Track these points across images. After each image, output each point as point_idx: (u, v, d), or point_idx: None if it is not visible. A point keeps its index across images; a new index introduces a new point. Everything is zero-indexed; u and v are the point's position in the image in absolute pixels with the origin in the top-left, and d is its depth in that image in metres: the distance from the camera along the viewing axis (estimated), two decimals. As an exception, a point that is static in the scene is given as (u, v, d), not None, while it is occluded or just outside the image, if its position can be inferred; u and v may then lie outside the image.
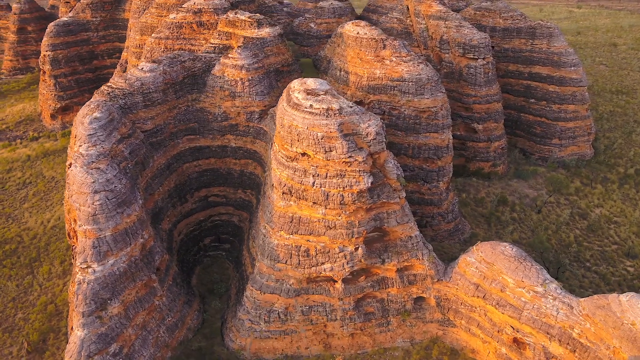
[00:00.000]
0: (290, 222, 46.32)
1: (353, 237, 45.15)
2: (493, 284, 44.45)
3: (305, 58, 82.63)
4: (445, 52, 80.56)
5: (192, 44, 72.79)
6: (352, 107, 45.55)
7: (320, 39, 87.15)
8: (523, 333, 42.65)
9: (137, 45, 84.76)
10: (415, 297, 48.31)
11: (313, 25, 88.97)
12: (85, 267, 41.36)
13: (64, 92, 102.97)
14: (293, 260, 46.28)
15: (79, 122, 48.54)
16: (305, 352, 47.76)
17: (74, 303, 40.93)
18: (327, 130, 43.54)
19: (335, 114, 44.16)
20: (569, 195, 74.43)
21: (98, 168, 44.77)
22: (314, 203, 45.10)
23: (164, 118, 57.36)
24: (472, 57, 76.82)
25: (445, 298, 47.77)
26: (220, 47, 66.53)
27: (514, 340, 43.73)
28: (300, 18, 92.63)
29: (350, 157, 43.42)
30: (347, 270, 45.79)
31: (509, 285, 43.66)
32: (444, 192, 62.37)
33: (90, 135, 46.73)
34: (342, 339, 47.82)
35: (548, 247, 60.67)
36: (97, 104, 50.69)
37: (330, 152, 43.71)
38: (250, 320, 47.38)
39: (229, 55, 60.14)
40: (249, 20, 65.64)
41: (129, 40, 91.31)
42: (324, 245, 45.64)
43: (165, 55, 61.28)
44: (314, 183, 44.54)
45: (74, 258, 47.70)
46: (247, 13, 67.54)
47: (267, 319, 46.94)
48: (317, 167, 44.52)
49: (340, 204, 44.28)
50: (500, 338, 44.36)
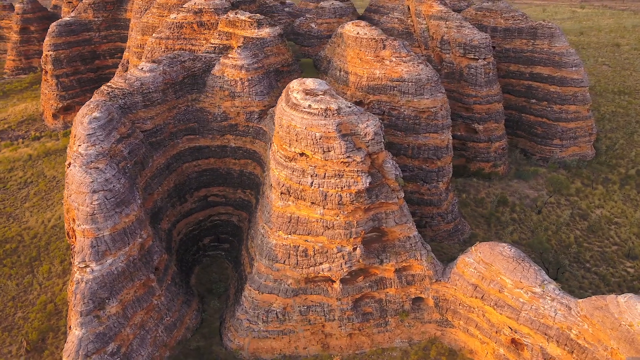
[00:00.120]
0: (289, 222, 46.36)
1: (351, 237, 45.16)
2: (491, 285, 44.40)
3: (306, 58, 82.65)
4: (446, 52, 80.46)
5: (192, 44, 72.90)
6: (350, 107, 45.56)
7: (321, 39, 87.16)
8: (521, 334, 42.58)
9: (138, 45, 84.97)
10: (414, 297, 48.28)
11: (314, 26, 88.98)
12: (84, 266, 41.49)
13: (66, 91, 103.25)
14: (291, 260, 46.31)
15: (79, 121, 48.69)
16: (304, 352, 47.79)
17: (72, 302, 41.08)
18: (325, 131, 43.55)
19: (334, 114, 44.17)
20: (570, 196, 74.26)
21: (97, 168, 44.90)
22: (312, 203, 45.12)
23: (164, 118, 57.47)
24: (472, 57, 76.71)
25: (444, 298, 47.73)
26: (221, 47, 66.61)
27: (512, 341, 43.67)
28: (301, 18, 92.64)
29: (349, 157, 43.43)
30: (345, 271, 45.80)
31: (507, 286, 43.59)
32: (444, 192, 62.32)
33: (90, 135, 46.85)
34: (340, 339, 47.83)
35: (548, 247, 60.54)
36: (96, 104, 50.84)
37: (329, 152, 43.72)
38: (249, 320, 47.43)
39: (229, 56, 60.22)
40: (249, 21, 65.70)
41: (131, 40, 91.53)
42: (322, 246, 45.66)
43: (165, 55, 61.40)
44: (312, 183, 44.56)
45: (73, 257, 47.82)
46: (247, 13, 67.61)
47: (265, 319, 46.98)
48: (315, 167, 44.54)
49: (339, 204, 44.29)
50: (499, 339, 44.31)
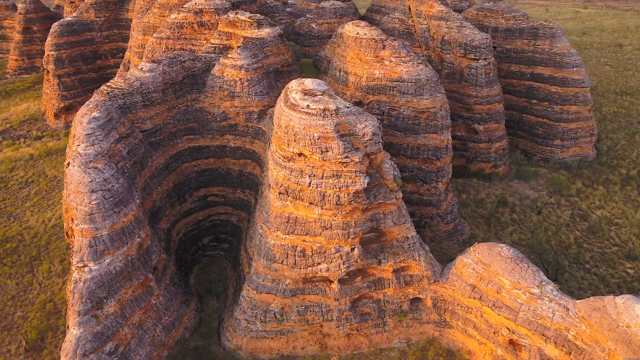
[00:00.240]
0: (287, 222, 46.38)
1: (349, 237, 45.16)
2: (489, 285, 44.33)
3: (306, 58, 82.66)
4: (447, 52, 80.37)
5: (193, 44, 72.98)
6: (348, 107, 45.56)
7: (322, 39, 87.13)
8: (519, 335, 42.51)
9: (139, 45, 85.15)
10: (412, 298, 48.25)
11: (314, 26, 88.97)
12: (82, 265, 41.61)
13: (68, 91, 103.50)
14: (289, 261, 46.33)
15: (78, 121, 48.82)
16: (302, 352, 47.81)
17: (70, 302, 41.20)
18: (323, 131, 43.57)
19: (332, 115, 44.18)
20: (570, 197, 74.08)
21: (95, 167, 44.99)
22: (310, 203, 45.14)
23: (163, 118, 57.56)
24: (473, 57, 76.59)
25: (442, 299, 47.69)
26: (221, 47, 66.67)
27: (510, 342, 43.60)
28: (302, 18, 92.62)
29: (347, 157, 43.43)
30: (343, 271, 45.81)
31: (505, 287, 43.52)
32: (443, 192, 62.24)
33: (89, 135, 46.96)
34: (338, 340, 47.83)
35: (547, 248, 60.41)
36: (96, 104, 50.96)
37: (327, 152, 43.73)
38: (247, 320, 47.47)
39: (229, 56, 60.28)
40: (249, 21, 65.75)
41: (132, 40, 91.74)
42: (320, 246, 45.67)
43: (165, 55, 61.50)
44: (310, 183, 44.57)
45: (72, 257, 47.93)
46: (247, 13, 67.65)
47: (263, 319, 47.02)
48: (313, 167, 44.56)
49: (337, 205, 44.29)
50: (496, 339, 44.23)
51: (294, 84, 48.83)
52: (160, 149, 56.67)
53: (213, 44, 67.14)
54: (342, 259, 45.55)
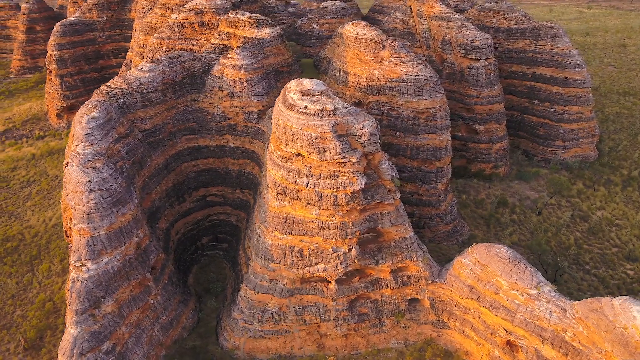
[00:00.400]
0: (284, 222, 46.43)
1: (347, 237, 45.16)
2: (487, 286, 44.25)
3: (307, 58, 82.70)
4: (447, 52, 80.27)
5: (193, 44, 73.15)
6: (346, 107, 45.57)
7: (323, 40, 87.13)
8: (516, 336, 42.41)
9: (141, 45, 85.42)
10: (410, 298, 48.20)
11: (315, 26, 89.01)
12: (80, 265, 41.75)
13: (70, 91, 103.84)
14: (287, 261, 46.37)
15: (77, 121, 49.01)
16: (299, 352, 47.83)
17: (68, 301, 41.35)
18: (321, 131, 43.59)
19: (330, 115, 44.20)
20: (571, 198, 73.84)
21: (94, 167, 45.16)
22: (308, 203, 45.17)
23: (163, 118, 57.72)
24: (474, 58, 76.48)
25: (440, 300, 47.63)
26: (221, 47, 66.82)
27: (507, 343, 43.49)
28: (303, 18, 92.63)
29: (344, 157, 43.44)
30: (340, 271, 45.81)
31: (503, 288, 43.43)
32: (443, 193, 62.16)
33: (87, 135, 47.14)
34: (335, 340, 47.83)
35: (546, 249, 60.22)
36: (95, 104, 51.14)
37: (324, 152, 43.75)
38: (244, 320, 47.54)
39: (228, 56, 60.40)
40: (249, 21, 65.85)
41: (134, 40, 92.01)
42: (318, 246, 45.69)
43: (165, 55, 61.66)
44: (308, 183, 44.60)
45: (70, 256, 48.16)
46: (247, 13, 67.74)
47: (260, 319, 47.08)
48: (311, 167, 44.59)
49: (334, 205, 44.30)
50: (494, 340, 44.15)
51: (293, 84, 48.89)
52: (160, 149, 56.83)
53: (213, 44, 67.29)
54: (339, 259, 45.56)
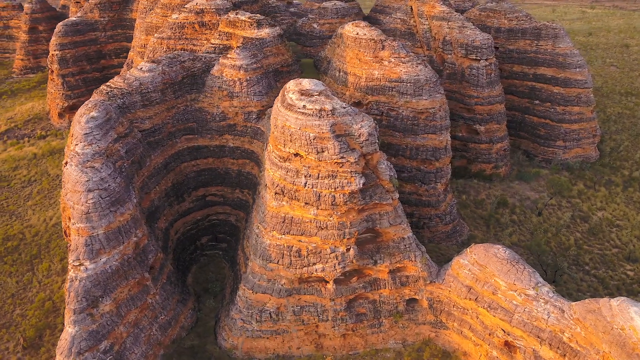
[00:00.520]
0: (283, 222, 46.46)
1: (344, 237, 45.16)
2: (485, 287, 44.21)
3: (308, 59, 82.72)
4: (448, 53, 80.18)
5: (194, 44, 73.28)
6: (345, 107, 45.56)
7: (323, 40, 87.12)
8: (514, 336, 42.37)
9: (142, 45, 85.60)
10: (408, 298, 48.17)
11: (316, 26, 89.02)
12: (78, 264, 41.84)
13: (72, 91, 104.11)
14: (285, 260, 46.40)
15: (76, 121, 49.12)
16: (297, 352, 47.87)
17: (66, 300, 41.46)
18: (319, 131, 43.61)
19: (328, 115, 44.21)
20: (572, 198, 73.67)
21: (93, 167, 45.24)
22: (306, 203, 45.18)
23: (162, 118, 57.80)
24: (474, 58, 76.38)
25: (438, 300, 47.59)
26: (221, 47, 66.90)
27: (505, 344, 43.44)
28: (304, 18, 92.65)
29: (342, 157, 43.44)
30: (338, 271, 45.81)
31: (501, 288, 43.38)
32: (442, 193, 62.08)
33: (86, 135, 47.23)
34: (333, 340, 47.85)
35: (546, 250, 60.08)
36: (94, 104, 51.27)
37: (322, 152, 43.77)
38: (243, 320, 47.60)
39: (228, 56, 60.45)
40: (249, 21, 65.90)
41: (135, 40, 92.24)
42: (316, 246, 45.70)
43: (165, 55, 61.74)
44: (306, 184, 44.63)
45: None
46: (247, 13, 67.80)
47: (258, 319, 47.12)
48: (309, 167, 44.61)
49: (332, 205, 44.31)
50: (492, 341, 44.10)
51: (292, 84, 48.91)
52: (159, 149, 56.91)
53: (213, 44, 67.38)
54: (337, 260, 45.56)
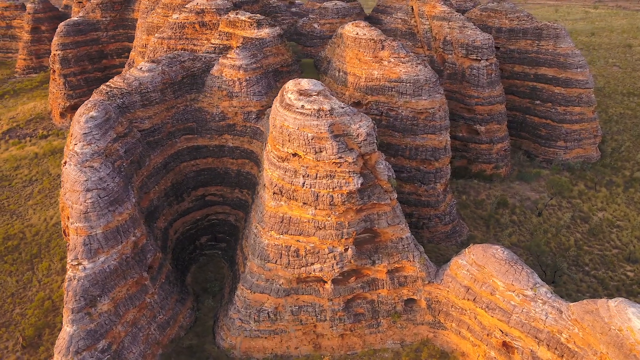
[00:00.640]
0: (281, 222, 46.48)
1: (343, 237, 45.16)
2: (483, 287, 44.14)
3: (308, 59, 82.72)
4: (449, 53, 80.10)
5: (194, 44, 73.36)
6: (343, 107, 45.54)
7: (324, 40, 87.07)
8: (512, 337, 42.29)
9: (143, 45, 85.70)
10: (406, 298, 48.14)
11: (316, 26, 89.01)
12: (76, 264, 41.96)
13: (73, 90, 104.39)
14: (283, 260, 46.43)
15: (76, 120, 49.27)
16: (295, 352, 47.88)
17: (65, 299, 41.58)
18: (317, 131, 43.61)
19: (326, 115, 44.21)
20: (572, 199, 73.48)
21: (91, 166, 45.35)
22: (304, 203, 45.20)
23: (162, 117, 57.91)
24: (475, 58, 76.29)
25: (436, 300, 47.53)
26: (221, 47, 66.97)
27: (503, 344, 43.36)
28: (304, 18, 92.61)
29: (340, 157, 43.44)
30: (336, 271, 45.81)
31: (499, 289, 43.31)
32: (441, 193, 62.00)
33: (86, 134, 47.36)
34: (331, 340, 47.85)
35: (545, 250, 59.93)
36: (94, 103, 51.43)
37: (321, 152, 43.77)
38: (241, 319, 47.64)
39: (227, 56, 60.52)
40: (249, 21, 65.95)
41: (136, 40, 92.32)
42: (314, 246, 45.71)
43: (165, 55, 61.84)
44: (304, 184, 44.64)
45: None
46: (247, 13, 67.84)
47: (256, 318, 47.16)
48: (307, 167, 44.61)
49: (330, 205, 44.31)
50: (490, 342, 44.03)
51: (291, 84, 48.93)
52: (159, 149, 57.02)
53: (213, 44, 67.46)
54: (335, 260, 45.56)
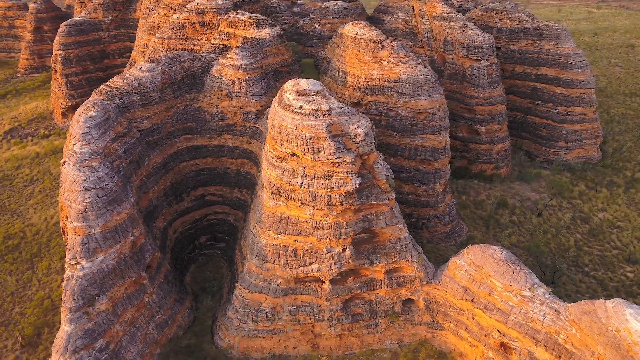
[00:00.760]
0: (279, 222, 46.51)
1: (341, 238, 45.15)
2: (481, 288, 44.06)
3: (309, 59, 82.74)
4: (449, 53, 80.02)
5: (194, 44, 73.48)
6: (342, 107, 45.54)
7: (324, 40, 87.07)
8: (509, 337, 42.20)
9: (144, 45, 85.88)
10: (404, 299, 48.10)
11: (317, 26, 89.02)
12: (74, 263, 42.08)
13: (75, 90, 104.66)
14: (281, 260, 46.45)
15: (75, 120, 49.39)
16: (293, 352, 47.90)
17: (63, 298, 41.71)
18: (315, 131, 43.62)
19: (325, 115, 44.21)
20: (572, 199, 73.30)
21: (90, 166, 45.46)
22: (302, 203, 45.21)
23: (161, 117, 58.01)
24: (475, 58, 76.19)
25: (435, 301, 47.47)
26: (221, 47, 67.06)
27: (501, 345, 43.29)
28: (305, 18, 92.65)
29: (338, 157, 43.43)
30: (334, 271, 45.82)
31: (497, 289, 43.24)
32: (441, 194, 61.94)
33: (85, 134, 47.48)
34: (329, 340, 47.85)
35: (545, 251, 59.80)
36: (93, 103, 51.52)
37: (319, 152, 43.78)
38: (239, 319, 47.69)
39: (227, 56, 60.59)
40: (249, 21, 66.02)
41: (137, 40, 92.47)
42: (312, 246, 45.72)
43: (165, 55, 61.95)
44: (302, 183, 44.64)
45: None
46: (247, 13, 67.94)
47: (255, 318, 47.19)
48: (305, 167, 44.62)
49: (328, 205, 44.30)
50: (488, 342, 43.95)
51: (289, 84, 48.97)
52: (158, 148, 57.12)
53: (213, 44, 67.55)
54: (333, 260, 45.57)
